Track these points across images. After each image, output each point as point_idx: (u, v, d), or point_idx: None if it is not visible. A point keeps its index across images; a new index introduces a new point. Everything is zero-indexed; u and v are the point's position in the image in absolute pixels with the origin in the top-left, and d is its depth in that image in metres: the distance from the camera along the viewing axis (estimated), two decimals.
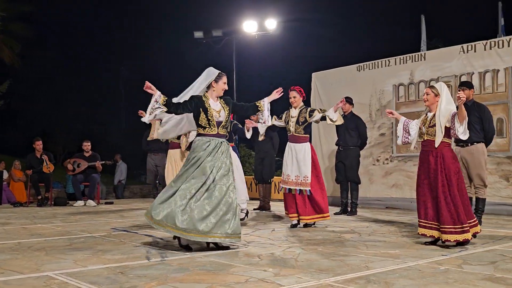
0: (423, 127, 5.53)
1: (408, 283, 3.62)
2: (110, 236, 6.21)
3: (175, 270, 4.10)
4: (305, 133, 7.18)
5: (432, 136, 5.40)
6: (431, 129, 5.41)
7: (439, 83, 5.56)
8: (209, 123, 5.33)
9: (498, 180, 8.80)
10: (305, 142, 7.16)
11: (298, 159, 7.09)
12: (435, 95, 5.43)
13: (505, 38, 9.19)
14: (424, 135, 5.50)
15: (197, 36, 18.04)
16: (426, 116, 5.57)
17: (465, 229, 5.17)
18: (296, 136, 7.15)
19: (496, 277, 3.79)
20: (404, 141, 5.83)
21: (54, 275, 3.91)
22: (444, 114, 5.30)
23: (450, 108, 5.32)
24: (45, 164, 11.64)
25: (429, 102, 5.48)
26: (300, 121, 7.11)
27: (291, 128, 7.16)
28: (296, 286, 3.54)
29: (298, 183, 7.05)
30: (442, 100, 5.36)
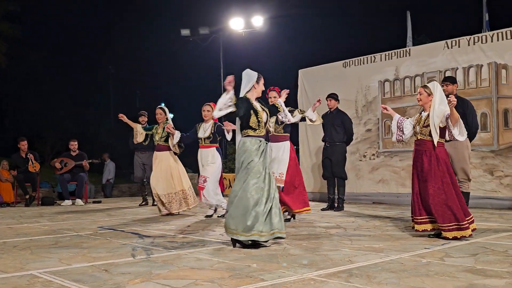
0: (417, 126, 5.56)
1: (389, 276, 3.66)
2: (96, 235, 6.22)
3: (160, 266, 4.13)
4: (285, 132, 7.29)
5: (426, 136, 5.44)
6: (425, 129, 5.44)
7: (433, 82, 5.56)
8: (259, 124, 5.34)
9: (482, 174, 8.89)
10: (285, 141, 7.28)
11: (276, 156, 7.20)
12: (428, 94, 5.45)
13: (488, 33, 9.28)
14: (418, 135, 5.53)
15: (184, 34, 18.06)
16: (420, 116, 5.60)
17: (463, 227, 5.24)
18: (276, 135, 7.27)
19: (476, 269, 3.85)
20: (398, 139, 5.89)
21: (38, 273, 3.92)
22: (438, 114, 5.33)
23: (443, 109, 5.32)
24: (30, 163, 11.60)
25: (423, 102, 5.52)
26: (279, 121, 7.18)
27: (271, 128, 7.23)
28: (279, 281, 3.57)
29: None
30: (435, 100, 5.38)
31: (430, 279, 3.55)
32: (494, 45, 8.92)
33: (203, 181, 7.75)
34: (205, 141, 7.89)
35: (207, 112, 7.90)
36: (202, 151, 7.95)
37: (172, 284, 3.53)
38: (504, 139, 8.73)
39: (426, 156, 5.42)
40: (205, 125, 7.95)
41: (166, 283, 3.54)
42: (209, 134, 7.85)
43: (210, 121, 7.92)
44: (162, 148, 8.49)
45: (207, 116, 7.90)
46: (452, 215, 5.24)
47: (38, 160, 11.92)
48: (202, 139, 7.91)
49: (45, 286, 3.51)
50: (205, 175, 7.78)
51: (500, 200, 8.69)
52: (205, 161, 7.88)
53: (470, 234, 5.30)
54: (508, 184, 8.61)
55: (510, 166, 8.60)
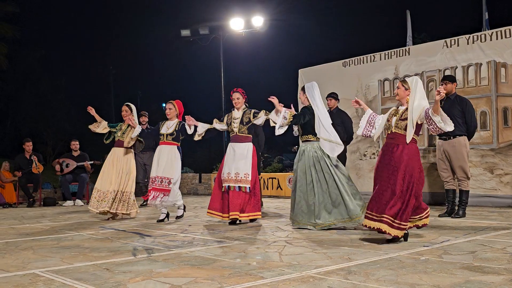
0: (392, 119, 5.36)
1: (387, 273, 3.70)
2: (98, 235, 6.26)
3: (161, 265, 4.17)
4: (249, 133, 7.26)
5: (401, 130, 5.24)
6: (402, 122, 5.25)
7: (413, 77, 5.45)
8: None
9: (482, 172, 8.92)
10: (248, 142, 7.24)
11: (240, 157, 7.13)
12: (406, 89, 5.29)
13: (487, 32, 9.30)
14: (392, 127, 5.32)
15: (184, 34, 18.10)
16: (397, 109, 5.41)
17: (402, 227, 5.04)
18: (239, 136, 7.23)
19: (474, 266, 3.89)
20: (366, 133, 5.72)
21: (40, 272, 3.96)
22: (417, 109, 5.18)
23: (422, 104, 5.19)
24: (34, 165, 11.65)
25: (399, 96, 5.37)
26: (245, 121, 7.21)
27: (235, 128, 7.24)
28: (278, 278, 3.61)
29: (238, 180, 7.06)
30: (415, 95, 5.23)
31: (428, 276, 3.58)
32: (493, 43, 8.95)
33: (168, 183, 7.43)
34: (167, 137, 7.62)
35: (169, 110, 7.72)
36: (161, 147, 7.62)
37: (172, 282, 3.57)
38: (504, 137, 8.76)
39: (398, 149, 5.19)
40: (169, 123, 7.72)
41: (167, 281, 3.58)
42: (172, 131, 7.62)
43: (175, 120, 7.74)
44: (121, 144, 8.35)
45: (170, 114, 7.71)
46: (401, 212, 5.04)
47: (42, 162, 11.96)
48: (164, 135, 7.65)
49: (47, 285, 3.55)
50: (168, 176, 7.45)
51: (500, 198, 8.71)
52: (163, 158, 7.53)
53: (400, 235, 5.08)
54: (508, 182, 8.64)
55: (510, 164, 8.63)
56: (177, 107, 7.77)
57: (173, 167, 7.49)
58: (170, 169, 7.47)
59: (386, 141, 5.40)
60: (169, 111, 7.74)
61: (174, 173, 7.47)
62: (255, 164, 7.24)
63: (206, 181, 15.52)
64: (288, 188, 12.51)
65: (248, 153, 7.17)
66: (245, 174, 7.07)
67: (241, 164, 7.10)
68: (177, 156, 7.58)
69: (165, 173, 7.45)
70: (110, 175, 8.15)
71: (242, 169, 7.08)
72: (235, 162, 7.13)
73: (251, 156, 7.17)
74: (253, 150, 7.23)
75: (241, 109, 7.33)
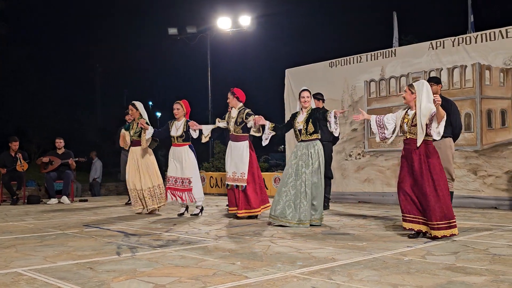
0: (405, 125, 5.51)
1: (371, 274, 3.72)
2: (82, 233, 6.22)
3: (145, 264, 4.15)
4: (243, 132, 7.39)
5: (415, 135, 5.40)
6: (414, 128, 5.41)
7: (421, 81, 5.56)
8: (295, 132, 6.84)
9: (466, 174, 9.00)
10: (244, 141, 7.39)
11: (236, 156, 7.35)
12: (412, 93, 5.42)
13: (472, 34, 9.39)
14: (407, 134, 5.50)
15: (171, 33, 18.06)
16: (407, 114, 5.56)
17: (452, 224, 5.27)
18: (235, 135, 7.41)
19: (456, 267, 3.92)
20: (382, 137, 5.86)
21: (22, 271, 3.93)
22: (425, 113, 5.29)
23: (430, 107, 5.28)
24: (19, 162, 11.55)
25: (406, 100, 5.51)
26: (238, 122, 7.36)
27: (231, 128, 7.42)
28: (262, 278, 3.62)
29: (235, 179, 7.36)
30: (422, 98, 5.34)
31: (411, 277, 3.61)
32: (478, 46, 9.03)
33: (189, 183, 7.81)
34: (177, 139, 7.90)
35: (176, 110, 7.94)
36: (174, 149, 7.95)
37: (156, 281, 3.56)
38: (488, 139, 8.85)
39: (416, 154, 5.38)
40: (177, 123, 7.94)
41: (151, 281, 3.57)
42: (181, 132, 7.85)
43: (182, 119, 7.93)
44: (137, 143, 8.50)
45: (178, 114, 7.94)
46: (443, 213, 5.24)
47: (27, 159, 11.87)
48: (174, 138, 7.92)
49: (29, 284, 3.53)
50: (187, 176, 7.81)
51: (483, 199, 8.80)
52: (179, 160, 7.87)
53: (457, 233, 5.31)
54: (491, 183, 8.73)
55: (493, 166, 8.72)
56: (184, 107, 7.98)
57: (191, 166, 7.84)
58: (188, 169, 7.83)
59: (404, 147, 5.59)
60: (177, 111, 7.95)
61: (192, 171, 7.84)
62: (254, 161, 7.45)
63: None
64: (273, 187, 12.52)
65: (243, 152, 7.35)
66: (242, 173, 7.34)
67: (238, 163, 7.36)
68: (190, 156, 7.88)
69: (185, 173, 7.83)
70: (131, 176, 8.51)
71: (239, 168, 7.34)
72: (233, 161, 7.42)
73: (246, 155, 7.35)
74: (249, 148, 7.40)
75: (237, 108, 7.46)
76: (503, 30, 8.75)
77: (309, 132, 6.67)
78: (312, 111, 6.73)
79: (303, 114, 6.76)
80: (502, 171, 8.62)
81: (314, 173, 6.51)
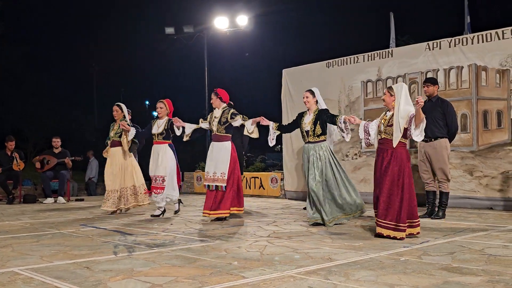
0: (381, 125, 5.62)
1: (367, 274, 3.73)
2: (79, 233, 6.22)
3: (141, 264, 4.16)
4: (227, 132, 7.35)
5: (389, 135, 5.50)
6: (389, 128, 5.50)
7: (400, 83, 5.66)
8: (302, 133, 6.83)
9: (462, 174, 9.02)
10: (227, 141, 7.34)
11: (217, 156, 7.30)
12: (391, 95, 5.53)
13: (469, 35, 9.41)
14: (382, 133, 5.60)
15: (168, 32, 18.03)
16: (385, 115, 5.68)
17: (400, 228, 5.32)
18: (218, 135, 7.35)
19: (452, 267, 3.94)
20: (367, 142, 5.97)
21: (19, 270, 3.93)
22: (402, 115, 5.39)
23: (408, 109, 5.39)
24: (15, 161, 11.52)
25: (385, 102, 5.64)
26: (222, 121, 7.31)
27: (214, 127, 7.37)
28: (259, 278, 3.63)
29: (215, 179, 7.27)
30: (400, 101, 5.43)
31: (407, 277, 3.63)
32: (475, 47, 9.05)
33: (162, 181, 7.76)
34: (158, 137, 7.89)
35: (159, 109, 7.96)
36: (154, 147, 7.94)
37: (153, 281, 3.56)
38: (484, 140, 8.87)
39: (387, 154, 5.48)
40: (159, 122, 7.96)
41: (148, 280, 3.58)
42: (162, 130, 7.85)
43: (165, 117, 7.94)
44: (117, 144, 8.48)
45: (161, 113, 7.95)
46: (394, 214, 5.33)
47: (23, 159, 11.84)
48: (155, 135, 7.92)
49: (26, 283, 3.53)
50: (160, 174, 7.76)
51: (479, 200, 8.82)
52: (156, 157, 7.85)
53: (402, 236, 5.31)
54: (487, 184, 8.75)
55: (489, 167, 8.74)
56: (167, 106, 8.00)
57: (164, 165, 7.77)
58: (162, 167, 7.78)
59: (378, 146, 5.69)
60: (160, 110, 7.97)
61: (165, 170, 7.76)
62: (235, 161, 7.34)
63: (188, 180, 15.46)
64: (270, 187, 12.54)
65: (225, 152, 7.30)
66: (222, 173, 7.26)
67: (218, 163, 7.29)
68: (168, 154, 7.83)
69: (158, 171, 7.80)
70: (110, 175, 8.47)
71: (219, 168, 7.27)
72: (213, 161, 7.35)
73: (228, 155, 7.29)
74: (231, 148, 7.34)
75: (221, 108, 7.43)
76: (499, 31, 8.77)
77: (317, 134, 6.68)
78: (320, 113, 6.72)
79: (310, 115, 6.76)
80: (497, 172, 8.64)
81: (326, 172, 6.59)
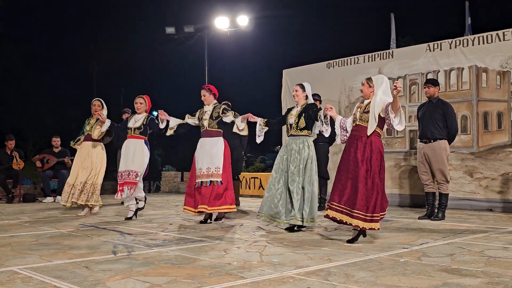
0: (358, 112, 5.49)
1: (367, 275, 3.73)
2: (78, 232, 6.21)
3: (141, 264, 4.15)
4: (219, 128, 7.21)
5: (365, 122, 5.37)
6: (365, 115, 5.38)
7: (379, 75, 5.58)
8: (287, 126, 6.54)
9: (462, 176, 9.02)
10: (218, 136, 7.19)
11: (211, 152, 7.09)
12: (369, 86, 5.44)
13: (469, 37, 9.41)
14: (357, 120, 5.46)
15: (168, 32, 18.04)
16: (362, 103, 5.57)
17: (374, 219, 5.17)
18: (210, 130, 7.17)
19: (452, 269, 3.93)
20: (343, 139, 5.76)
21: (18, 269, 3.92)
22: (379, 103, 5.29)
23: (385, 99, 5.30)
24: (15, 160, 11.52)
25: (363, 93, 5.51)
26: (214, 116, 7.18)
27: (205, 123, 7.21)
28: (259, 279, 3.62)
29: (210, 175, 7.05)
30: (378, 91, 5.35)
31: (407, 278, 3.62)
32: (475, 48, 9.06)
33: (135, 176, 7.46)
34: (134, 131, 7.63)
35: (139, 104, 7.77)
36: (128, 141, 7.65)
37: (152, 281, 3.55)
38: (484, 142, 8.87)
39: (362, 142, 5.32)
40: (137, 116, 7.75)
41: (147, 280, 3.57)
42: (140, 124, 7.63)
43: (143, 114, 7.77)
44: (89, 138, 8.31)
45: (140, 109, 7.76)
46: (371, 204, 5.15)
47: (23, 158, 11.84)
48: (131, 129, 7.66)
49: (25, 282, 3.52)
50: (134, 169, 7.46)
51: (479, 201, 8.82)
52: (131, 152, 7.53)
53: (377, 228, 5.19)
54: (486, 186, 8.75)
55: (489, 168, 8.74)
56: (147, 102, 7.84)
57: (140, 160, 7.52)
58: (137, 163, 7.49)
59: (351, 133, 5.53)
60: (140, 105, 7.78)
61: (141, 166, 7.51)
62: (228, 157, 7.21)
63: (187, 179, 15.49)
64: None
65: (218, 148, 7.13)
66: (216, 168, 7.05)
67: (213, 158, 7.08)
68: (144, 150, 7.61)
69: (132, 166, 7.47)
70: (76, 168, 8.23)
71: (213, 163, 7.07)
72: (206, 157, 7.11)
73: (222, 150, 7.13)
74: (224, 144, 7.21)
75: (211, 104, 7.31)
76: (500, 33, 8.78)
77: (300, 127, 6.34)
78: (307, 106, 6.40)
79: (297, 108, 6.49)
80: (498, 174, 8.64)
81: (300, 172, 6.22)
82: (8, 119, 25.61)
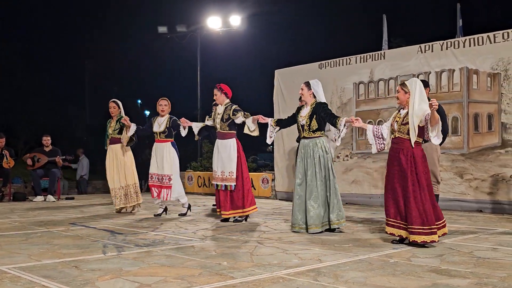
0: (395, 124, 5.34)
1: (356, 275, 3.74)
2: (68, 231, 6.19)
3: (130, 263, 4.14)
4: (230, 129, 7.20)
5: (404, 134, 5.23)
6: (404, 127, 5.23)
7: (412, 79, 5.37)
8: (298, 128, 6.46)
9: (452, 177, 9.05)
10: (231, 138, 7.20)
11: (224, 155, 7.15)
12: (405, 92, 5.24)
13: (460, 39, 9.45)
14: (396, 132, 5.31)
15: (161, 31, 18.01)
16: (398, 113, 5.40)
17: (433, 231, 5.05)
18: (222, 132, 7.21)
19: (441, 269, 3.95)
20: (380, 147, 5.63)
21: (6, 269, 3.90)
22: (418, 113, 5.12)
23: (424, 108, 5.12)
24: (5, 159, 11.45)
25: (400, 100, 5.32)
26: (225, 118, 7.17)
27: (217, 125, 7.24)
28: (249, 279, 3.62)
29: (224, 179, 7.14)
30: (415, 98, 5.16)
31: (396, 279, 3.63)
32: (466, 50, 9.09)
33: (168, 180, 7.72)
34: (160, 135, 7.81)
35: (164, 106, 7.87)
36: (157, 145, 7.87)
37: (142, 281, 3.55)
38: (474, 143, 8.91)
39: (404, 154, 5.19)
40: (160, 119, 7.87)
41: (136, 280, 3.56)
42: (164, 128, 7.77)
43: (166, 116, 7.86)
44: (116, 141, 8.48)
45: (165, 111, 7.86)
46: (424, 216, 5.04)
47: (14, 156, 11.77)
48: (157, 133, 7.84)
49: (13, 282, 3.51)
50: (167, 173, 7.72)
51: (469, 202, 8.86)
52: (160, 156, 7.78)
53: (437, 240, 5.09)
54: (477, 187, 8.79)
55: (479, 169, 8.78)
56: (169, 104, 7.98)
57: (169, 163, 7.76)
58: (167, 166, 7.74)
59: (391, 146, 5.40)
60: (164, 107, 7.91)
61: (171, 169, 7.76)
62: (242, 159, 7.24)
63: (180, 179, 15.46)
64: (261, 188, 12.53)
65: (231, 150, 7.15)
66: (230, 172, 7.12)
67: (225, 162, 7.14)
68: (171, 153, 7.80)
69: (164, 170, 7.76)
70: (111, 173, 8.53)
71: (227, 167, 7.13)
72: (220, 160, 7.20)
73: (235, 153, 7.15)
74: (237, 145, 7.21)
75: (223, 105, 7.27)
76: (491, 35, 8.82)
77: (312, 129, 6.22)
78: (317, 106, 6.24)
79: (307, 108, 6.31)
80: (487, 175, 8.69)
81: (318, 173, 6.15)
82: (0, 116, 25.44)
